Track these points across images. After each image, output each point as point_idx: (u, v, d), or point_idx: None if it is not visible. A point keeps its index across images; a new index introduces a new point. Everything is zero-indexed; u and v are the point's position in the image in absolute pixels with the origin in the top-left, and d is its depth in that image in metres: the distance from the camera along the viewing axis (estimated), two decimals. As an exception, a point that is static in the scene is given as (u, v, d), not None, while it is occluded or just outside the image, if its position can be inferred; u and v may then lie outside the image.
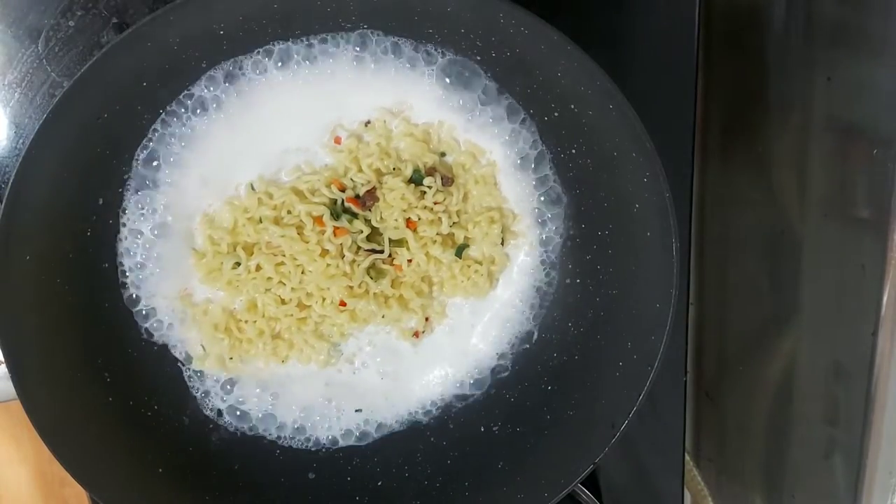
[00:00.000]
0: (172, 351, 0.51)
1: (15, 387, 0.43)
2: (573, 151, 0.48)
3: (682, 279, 0.45)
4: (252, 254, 0.49)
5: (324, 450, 0.52)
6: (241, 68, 0.47)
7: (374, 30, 0.46)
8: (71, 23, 0.51)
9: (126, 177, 0.47)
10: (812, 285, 0.60)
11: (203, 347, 0.50)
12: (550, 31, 0.41)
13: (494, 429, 0.52)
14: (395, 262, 0.50)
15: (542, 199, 0.50)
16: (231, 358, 0.51)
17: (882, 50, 0.51)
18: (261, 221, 0.48)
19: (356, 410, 0.53)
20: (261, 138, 0.48)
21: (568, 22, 0.42)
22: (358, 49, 0.47)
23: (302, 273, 0.49)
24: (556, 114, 0.47)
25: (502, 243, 0.51)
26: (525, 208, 0.51)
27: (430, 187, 0.48)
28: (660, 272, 0.45)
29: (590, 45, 0.42)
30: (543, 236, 0.51)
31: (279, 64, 0.47)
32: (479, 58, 0.47)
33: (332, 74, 0.47)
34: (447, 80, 0.47)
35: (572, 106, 0.45)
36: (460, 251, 0.50)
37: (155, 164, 0.48)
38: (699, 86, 0.55)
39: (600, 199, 0.48)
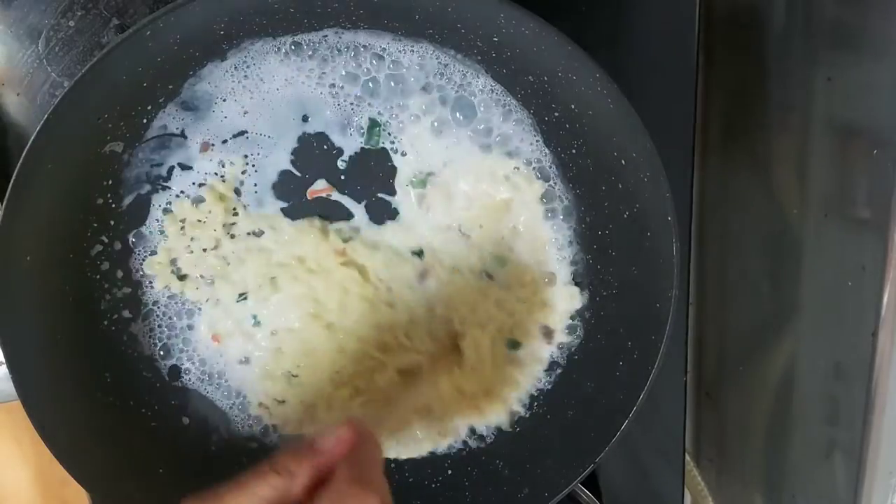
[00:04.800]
0: (171, 350, 0.51)
1: (15, 387, 0.43)
2: (573, 151, 0.48)
3: (682, 279, 0.45)
4: None
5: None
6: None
7: (375, 30, 0.46)
8: (71, 23, 0.51)
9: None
10: (812, 285, 0.60)
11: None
12: (550, 31, 0.41)
13: (494, 429, 0.52)
14: None
15: (542, 199, 0.50)
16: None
17: (882, 50, 0.51)
18: None
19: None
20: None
21: (568, 22, 0.42)
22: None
23: None
24: (556, 114, 0.47)
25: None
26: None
27: None
28: (659, 272, 0.44)
29: (590, 45, 0.42)
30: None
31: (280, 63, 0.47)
32: (479, 58, 0.47)
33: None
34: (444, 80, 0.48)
35: (572, 106, 0.45)
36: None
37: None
38: (699, 86, 0.55)
39: (600, 200, 0.48)
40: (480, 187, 0.49)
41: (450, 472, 0.51)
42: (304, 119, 0.48)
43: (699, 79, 0.55)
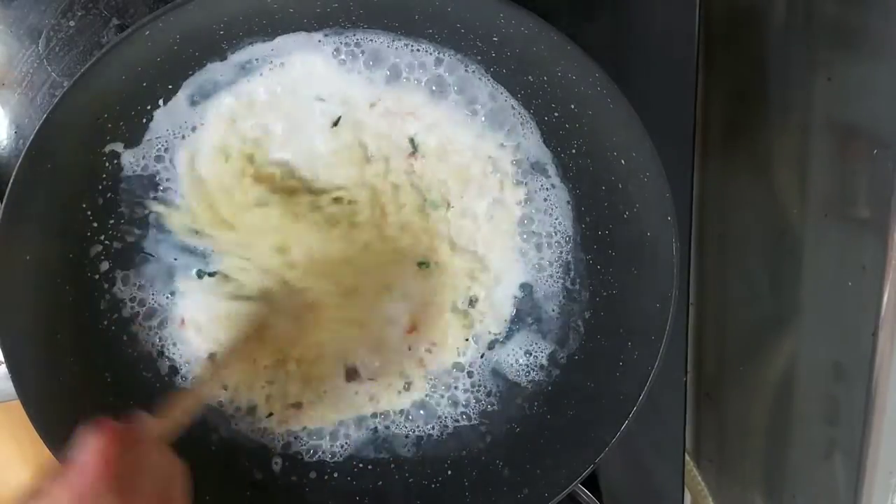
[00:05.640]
0: (170, 351, 0.51)
1: (15, 387, 0.43)
2: (573, 151, 0.48)
3: (682, 279, 0.45)
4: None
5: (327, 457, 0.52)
6: (241, 68, 0.47)
7: (375, 30, 0.46)
8: (71, 23, 0.51)
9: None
10: (812, 285, 0.60)
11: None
12: (550, 31, 0.41)
13: (494, 429, 0.52)
14: None
15: (542, 199, 0.50)
16: None
17: (882, 50, 0.51)
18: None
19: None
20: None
21: (568, 22, 0.42)
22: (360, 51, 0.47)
23: None
24: (556, 114, 0.47)
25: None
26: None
27: None
28: (660, 272, 0.44)
29: (590, 46, 0.42)
30: (543, 237, 0.51)
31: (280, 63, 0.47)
32: (479, 58, 0.47)
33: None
34: (446, 83, 0.48)
35: (572, 106, 0.45)
36: None
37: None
38: (699, 86, 0.55)
39: (600, 199, 0.48)
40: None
41: (450, 472, 0.51)
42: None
43: (699, 79, 0.55)
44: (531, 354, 0.52)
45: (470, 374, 0.53)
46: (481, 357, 0.53)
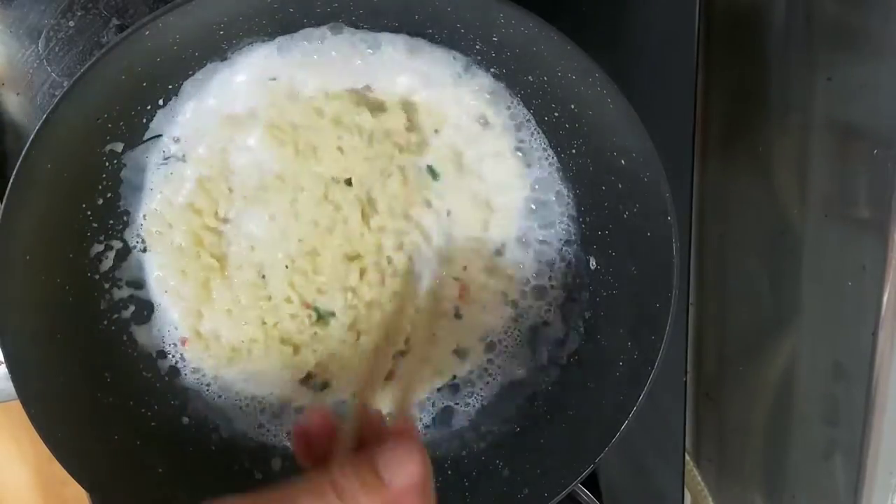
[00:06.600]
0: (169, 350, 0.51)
1: (15, 387, 0.43)
2: (573, 151, 0.48)
3: (682, 279, 0.45)
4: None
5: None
6: (241, 68, 0.47)
7: (375, 30, 0.46)
8: (71, 23, 0.51)
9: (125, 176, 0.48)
10: (812, 285, 0.60)
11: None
12: (550, 31, 0.41)
13: (494, 429, 0.52)
14: None
15: (542, 199, 0.50)
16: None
17: (882, 50, 0.51)
18: None
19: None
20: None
21: (568, 22, 0.42)
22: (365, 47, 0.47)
23: None
24: (556, 114, 0.47)
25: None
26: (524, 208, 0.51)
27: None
28: (660, 272, 0.44)
29: (590, 45, 0.42)
30: (543, 237, 0.51)
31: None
32: (479, 58, 0.47)
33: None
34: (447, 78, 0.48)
35: (572, 106, 0.45)
36: None
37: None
38: (699, 86, 0.55)
39: (600, 200, 0.48)
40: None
41: (450, 472, 0.51)
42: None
43: (699, 79, 0.55)
44: (531, 353, 0.52)
45: (470, 371, 0.53)
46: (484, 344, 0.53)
